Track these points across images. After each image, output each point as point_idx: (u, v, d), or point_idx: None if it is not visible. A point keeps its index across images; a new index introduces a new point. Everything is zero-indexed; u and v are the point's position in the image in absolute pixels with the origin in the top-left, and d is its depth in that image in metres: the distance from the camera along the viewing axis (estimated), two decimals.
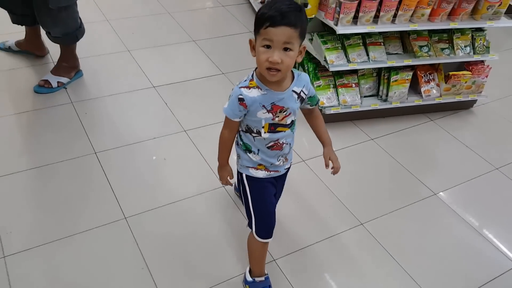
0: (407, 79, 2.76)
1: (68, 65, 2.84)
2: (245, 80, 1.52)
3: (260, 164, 1.64)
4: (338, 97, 2.73)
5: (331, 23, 2.50)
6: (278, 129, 1.57)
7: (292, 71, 1.54)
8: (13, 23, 2.78)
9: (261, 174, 1.65)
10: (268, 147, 1.60)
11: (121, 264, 1.89)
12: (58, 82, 2.79)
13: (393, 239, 2.13)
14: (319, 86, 2.72)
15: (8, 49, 3.05)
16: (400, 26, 2.53)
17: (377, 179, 2.48)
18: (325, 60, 2.60)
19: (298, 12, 1.38)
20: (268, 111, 1.51)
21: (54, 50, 2.98)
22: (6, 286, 1.76)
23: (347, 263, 2.01)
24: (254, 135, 1.58)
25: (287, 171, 1.77)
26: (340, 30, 2.45)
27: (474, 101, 3.06)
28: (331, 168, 1.75)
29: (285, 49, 1.38)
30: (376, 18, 2.50)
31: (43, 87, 2.75)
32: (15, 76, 2.90)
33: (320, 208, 2.26)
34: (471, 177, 2.53)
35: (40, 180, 2.24)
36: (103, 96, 2.84)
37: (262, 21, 1.37)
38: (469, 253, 2.11)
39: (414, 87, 2.90)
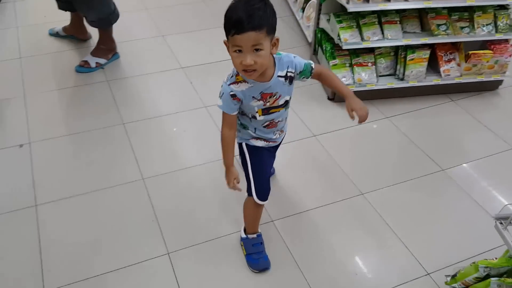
0: (425, 58, 2.77)
1: (106, 48, 3.13)
2: (232, 76, 1.58)
3: (258, 137, 1.77)
4: (353, 76, 2.80)
5: (343, 1, 2.58)
6: (272, 111, 1.67)
7: (273, 57, 1.58)
8: (59, 9, 3.10)
9: (260, 143, 1.78)
10: (264, 126, 1.72)
11: (134, 216, 2.12)
12: (96, 62, 3.08)
13: (392, 210, 2.19)
14: (335, 65, 2.81)
15: (56, 34, 3.40)
16: (414, 3, 2.57)
17: (385, 155, 2.53)
18: (339, 39, 2.68)
19: (262, 12, 1.40)
20: (259, 100, 1.61)
21: (96, 35, 3.28)
22: (35, 229, 2.03)
23: (342, 229, 2.10)
24: (250, 117, 1.69)
25: (282, 140, 1.89)
26: (351, 8, 2.53)
27: (500, 82, 2.99)
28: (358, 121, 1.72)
29: (256, 49, 1.42)
30: None
31: (83, 67, 3.06)
32: (60, 57, 3.23)
33: (323, 178, 2.36)
34: (484, 155, 2.51)
35: (74, 144, 2.53)
36: (135, 75, 3.10)
37: (228, 27, 1.42)
38: (467, 227, 2.11)
39: (435, 67, 2.90)
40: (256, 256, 1.90)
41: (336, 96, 2.87)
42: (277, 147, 1.90)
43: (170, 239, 2.02)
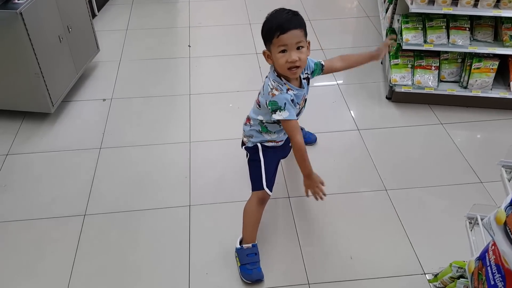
0: (492, 69, 2.64)
1: None
2: (282, 85, 1.73)
3: (271, 140, 1.94)
4: (413, 78, 2.78)
5: (408, 1, 2.59)
6: (299, 115, 1.88)
7: None
8: None
9: (271, 144, 1.95)
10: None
11: (172, 170, 2.44)
12: None
13: (410, 209, 2.19)
14: (397, 64, 2.82)
15: None
16: (482, 11, 2.48)
17: (424, 158, 2.50)
18: (401, 38, 2.69)
19: (297, 16, 1.67)
20: (299, 104, 1.82)
21: None
22: (93, 166, 2.46)
23: (353, 217, 2.17)
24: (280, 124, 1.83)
25: None
26: (414, 8, 2.53)
27: None
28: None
29: (298, 48, 1.65)
30: (456, 0, 2.50)
31: None
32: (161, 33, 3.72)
33: (352, 169, 2.43)
34: None
35: (144, 105, 2.94)
36: (216, 55, 3.45)
37: (272, 32, 1.64)
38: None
39: (505, 80, 2.75)
40: (250, 267, 1.88)
41: (394, 96, 2.87)
42: (288, 141, 2.02)
43: (195, 194, 2.28)
